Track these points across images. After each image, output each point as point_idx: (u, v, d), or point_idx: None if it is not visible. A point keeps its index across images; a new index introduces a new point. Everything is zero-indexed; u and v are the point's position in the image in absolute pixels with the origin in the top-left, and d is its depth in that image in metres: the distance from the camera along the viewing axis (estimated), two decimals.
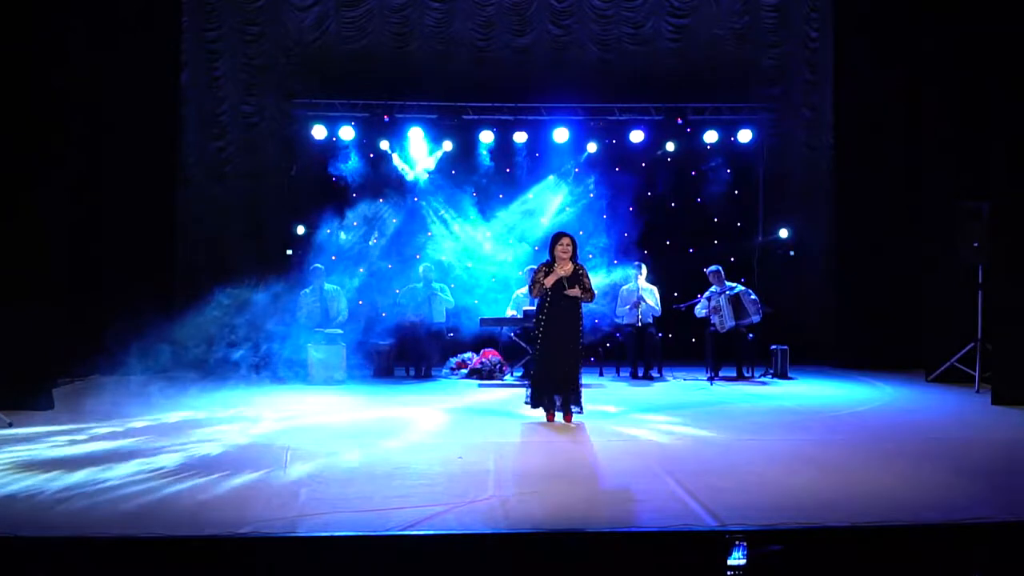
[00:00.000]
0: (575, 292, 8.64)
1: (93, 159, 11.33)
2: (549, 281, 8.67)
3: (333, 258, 13.26)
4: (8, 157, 8.86)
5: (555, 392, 8.73)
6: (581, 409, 8.79)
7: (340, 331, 12.12)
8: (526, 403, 8.97)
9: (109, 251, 11.59)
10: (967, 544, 4.89)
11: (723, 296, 12.10)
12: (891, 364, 12.62)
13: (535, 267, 9.22)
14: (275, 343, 11.31)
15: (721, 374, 12.09)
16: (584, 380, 11.86)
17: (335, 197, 14.16)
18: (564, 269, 8.69)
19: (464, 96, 14.29)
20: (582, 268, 8.84)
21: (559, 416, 8.72)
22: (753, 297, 12.21)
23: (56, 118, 9.48)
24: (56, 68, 9.37)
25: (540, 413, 8.80)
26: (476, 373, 12.42)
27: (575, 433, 8.24)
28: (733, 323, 12.03)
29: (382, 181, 14.31)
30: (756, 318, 12.12)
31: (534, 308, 11.36)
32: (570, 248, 8.75)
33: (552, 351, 8.70)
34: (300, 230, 14.09)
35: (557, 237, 8.86)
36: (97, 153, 11.46)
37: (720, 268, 12.47)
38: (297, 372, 11.46)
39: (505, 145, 14.47)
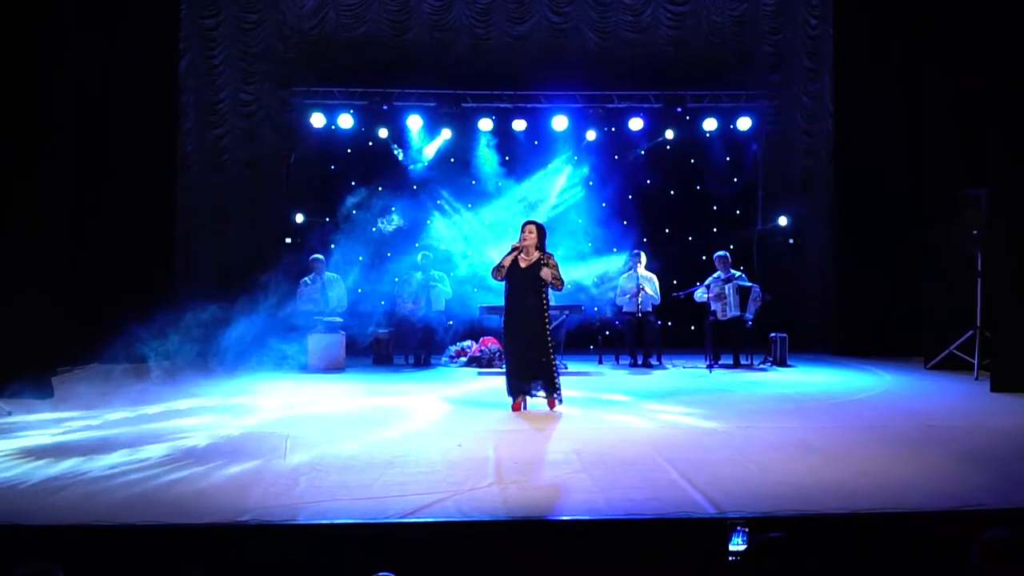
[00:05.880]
0: (547, 274, 8.47)
1: (92, 147, 11.32)
2: (507, 261, 8.57)
3: (332, 246, 13.26)
4: (6, 146, 8.84)
5: (522, 381, 8.63)
6: (560, 399, 8.67)
7: (340, 319, 12.13)
8: (509, 395, 8.79)
9: (109, 239, 11.56)
10: (967, 531, 4.89)
11: (730, 285, 12.07)
12: (890, 351, 12.60)
13: None
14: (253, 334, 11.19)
15: (720, 362, 12.10)
16: (583, 368, 11.98)
17: (333, 185, 14.18)
18: (523, 258, 8.58)
19: (463, 84, 14.25)
20: (548, 257, 8.63)
21: (545, 404, 8.66)
22: (756, 296, 12.16)
23: (54, 106, 9.46)
24: (54, 56, 9.34)
25: (537, 401, 8.77)
26: (475, 361, 12.42)
27: (574, 421, 8.24)
28: (737, 313, 12.01)
29: (380, 169, 14.28)
30: (750, 315, 12.10)
31: None
32: (532, 236, 8.62)
33: (516, 341, 8.66)
34: (299, 218, 14.09)
35: (522, 225, 8.79)
36: (97, 141, 11.44)
37: (727, 254, 12.46)
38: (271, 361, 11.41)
39: (504, 133, 14.42)
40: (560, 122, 14.32)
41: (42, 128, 9.20)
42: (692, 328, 13.74)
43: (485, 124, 14.31)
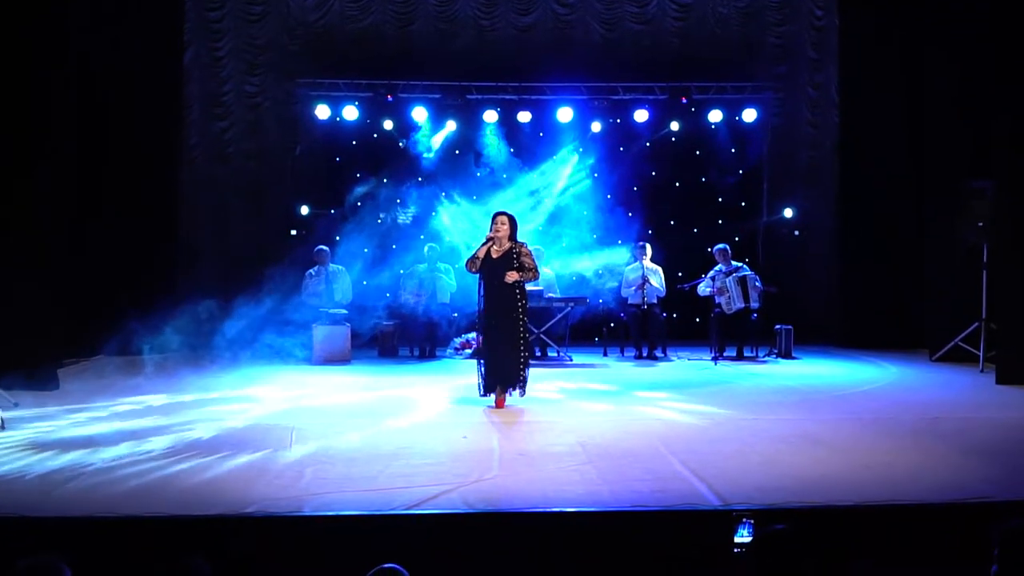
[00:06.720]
0: (512, 277, 8.37)
1: (96, 139, 11.30)
2: (481, 252, 8.50)
3: (337, 239, 13.26)
4: (8, 138, 8.83)
5: (498, 378, 8.49)
6: (523, 393, 8.54)
7: (344, 311, 12.14)
8: (480, 395, 8.62)
9: (113, 231, 11.54)
10: (972, 523, 4.89)
11: (731, 278, 12.06)
12: (895, 344, 12.59)
13: (539, 247, 9.11)
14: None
15: (725, 354, 12.08)
16: (588, 360, 11.98)
17: (338, 177, 14.17)
18: (495, 250, 8.50)
19: (468, 76, 14.20)
20: (521, 247, 8.55)
21: (548, 396, 8.63)
22: (758, 284, 12.17)
23: (57, 99, 9.44)
24: (56, 48, 9.33)
25: (539, 394, 8.71)
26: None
27: (578, 413, 8.24)
28: (741, 304, 12.00)
29: (385, 161, 14.28)
30: (755, 304, 12.10)
31: (540, 288, 11.33)
32: (504, 227, 8.52)
33: (492, 336, 8.55)
34: (304, 210, 14.09)
35: (494, 216, 8.70)
36: (101, 133, 11.43)
37: (727, 247, 12.46)
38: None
39: (509, 125, 14.37)
40: (565, 114, 14.28)
41: (42, 128, 9.18)
42: (697, 320, 13.74)
43: (490, 116, 14.26)
